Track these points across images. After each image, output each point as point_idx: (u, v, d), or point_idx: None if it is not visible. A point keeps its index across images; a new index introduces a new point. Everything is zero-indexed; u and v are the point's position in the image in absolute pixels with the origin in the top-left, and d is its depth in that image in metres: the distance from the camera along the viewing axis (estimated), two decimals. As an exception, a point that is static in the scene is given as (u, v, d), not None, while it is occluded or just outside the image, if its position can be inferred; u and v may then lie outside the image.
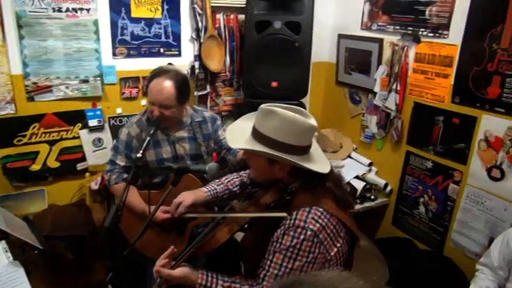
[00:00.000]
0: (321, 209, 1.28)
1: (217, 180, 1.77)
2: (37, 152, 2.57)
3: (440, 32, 2.38)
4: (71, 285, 2.24)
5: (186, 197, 1.67)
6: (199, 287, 1.29)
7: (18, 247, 1.94)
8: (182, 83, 2.05)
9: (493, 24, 2.10)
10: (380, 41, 2.75)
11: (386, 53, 2.73)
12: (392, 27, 2.67)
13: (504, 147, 2.14)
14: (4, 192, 2.53)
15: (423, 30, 2.47)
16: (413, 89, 2.60)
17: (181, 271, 1.32)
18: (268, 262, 1.27)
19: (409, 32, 2.55)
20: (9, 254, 1.66)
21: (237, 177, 1.76)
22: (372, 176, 2.91)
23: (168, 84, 1.99)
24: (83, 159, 2.73)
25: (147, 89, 2.06)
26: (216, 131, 2.29)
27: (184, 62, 2.88)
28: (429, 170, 2.58)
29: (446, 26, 2.34)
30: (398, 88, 2.64)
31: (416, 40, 2.52)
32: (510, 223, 2.14)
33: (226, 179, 1.77)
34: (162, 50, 2.79)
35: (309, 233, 1.24)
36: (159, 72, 2.05)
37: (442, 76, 2.41)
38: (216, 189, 1.73)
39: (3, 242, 1.70)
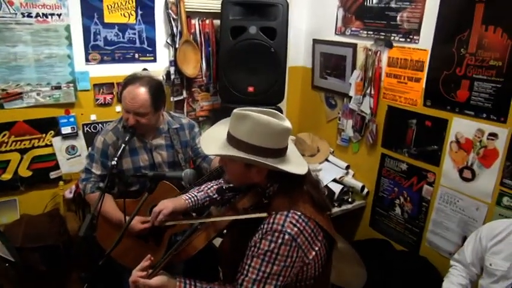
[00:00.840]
0: (298, 213, 1.28)
1: (197, 188, 1.76)
2: (8, 161, 2.49)
3: (411, 37, 2.44)
4: (44, 298, 2.19)
5: (166, 205, 1.65)
6: None
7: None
8: (156, 89, 2.02)
9: (461, 30, 2.17)
10: (354, 46, 2.80)
11: (360, 57, 2.78)
12: (365, 32, 2.73)
13: (474, 148, 2.21)
14: (-27, 204, 2.45)
15: (395, 35, 2.53)
16: (387, 92, 2.65)
17: (158, 280, 1.30)
18: (246, 267, 1.27)
19: (382, 37, 2.61)
20: (-23, 268, 1.61)
21: (216, 184, 1.75)
22: (349, 179, 2.95)
23: (142, 91, 1.96)
24: (56, 167, 2.66)
25: (121, 97, 2.03)
26: (194, 139, 2.27)
27: (159, 67, 2.85)
28: (404, 172, 2.63)
29: (417, 31, 2.40)
30: (373, 92, 2.69)
31: (389, 45, 2.58)
32: (482, 222, 2.21)
33: (206, 186, 1.76)
34: (136, 55, 2.76)
35: (286, 237, 1.24)
36: (132, 79, 2.01)
37: (414, 80, 2.47)
38: (196, 196, 1.72)
39: (-29, 255, 1.64)
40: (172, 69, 2.84)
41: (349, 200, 2.87)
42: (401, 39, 2.51)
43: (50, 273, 2.16)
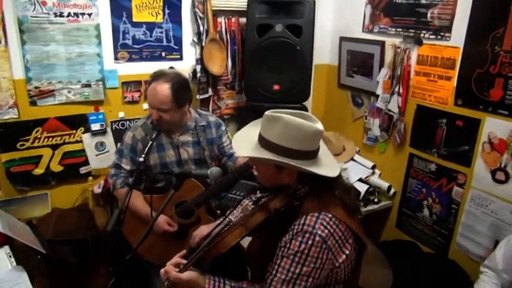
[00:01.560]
0: (330, 215, 1.27)
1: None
2: (40, 156, 2.58)
3: (442, 34, 2.37)
4: (73, 290, 2.25)
5: (202, 231, 1.77)
6: None
7: (21, 252, 1.94)
8: (180, 86, 2.04)
9: (495, 27, 2.09)
10: (382, 44, 2.75)
11: (389, 55, 2.72)
12: (394, 29, 2.67)
13: (508, 149, 2.13)
14: (8, 196, 2.54)
15: (425, 32, 2.46)
16: (416, 91, 2.59)
17: (189, 275, 1.31)
18: (276, 267, 1.26)
19: (411, 34, 2.55)
20: (12, 259, 1.66)
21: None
22: (375, 179, 2.90)
23: (163, 88, 1.99)
24: (86, 163, 2.73)
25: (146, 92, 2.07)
26: (220, 137, 2.28)
27: (186, 65, 2.88)
28: (433, 172, 2.56)
29: (448, 29, 2.33)
30: (401, 91, 2.63)
31: (418, 42, 2.51)
32: (515, 226, 2.13)
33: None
34: (163, 54, 2.80)
35: (317, 238, 1.23)
36: (157, 75, 2.05)
37: (445, 78, 2.40)
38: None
39: (6, 247, 1.70)
40: (198, 68, 2.86)
41: (375, 200, 2.82)
42: (431, 37, 2.44)
43: (79, 266, 2.22)
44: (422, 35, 2.49)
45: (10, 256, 1.66)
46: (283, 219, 1.33)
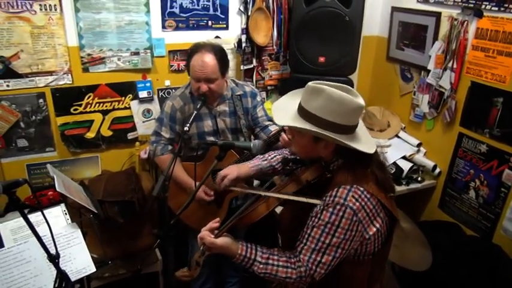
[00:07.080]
0: (361, 188, 1.27)
1: (261, 156, 1.79)
2: (92, 121, 2.71)
3: (506, 6, 2.19)
4: (121, 247, 2.40)
5: (232, 171, 1.70)
6: (239, 257, 1.33)
7: (75, 210, 2.08)
8: (222, 54, 2.07)
9: None
10: (437, 15, 2.58)
11: (444, 28, 2.56)
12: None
13: None
14: (62, 157, 2.72)
15: (486, 3, 2.29)
16: (471, 67, 2.44)
17: (223, 240, 1.37)
18: (306, 236, 1.30)
19: (471, 5, 2.37)
20: (68, 216, 1.79)
21: (279, 155, 1.77)
22: (420, 157, 2.81)
23: (209, 58, 2.01)
24: (133, 129, 2.85)
25: (189, 67, 2.08)
26: (255, 107, 2.29)
27: (231, 35, 2.87)
28: (483, 154, 2.45)
29: (514, -1, 2.15)
30: (455, 66, 2.49)
31: (478, 14, 2.34)
32: None
33: (269, 155, 1.78)
34: (209, 22, 2.80)
35: (348, 210, 1.24)
36: (196, 48, 2.06)
37: (505, 54, 2.24)
38: (260, 164, 1.75)
39: (62, 205, 1.82)
40: (243, 37, 2.85)
41: (419, 179, 2.75)
42: (493, 8, 2.26)
43: (126, 226, 2.36)
44: (483, 6, 2.31)
45: (66, 213, 1.78)
46: (315, 191, 1.34)
